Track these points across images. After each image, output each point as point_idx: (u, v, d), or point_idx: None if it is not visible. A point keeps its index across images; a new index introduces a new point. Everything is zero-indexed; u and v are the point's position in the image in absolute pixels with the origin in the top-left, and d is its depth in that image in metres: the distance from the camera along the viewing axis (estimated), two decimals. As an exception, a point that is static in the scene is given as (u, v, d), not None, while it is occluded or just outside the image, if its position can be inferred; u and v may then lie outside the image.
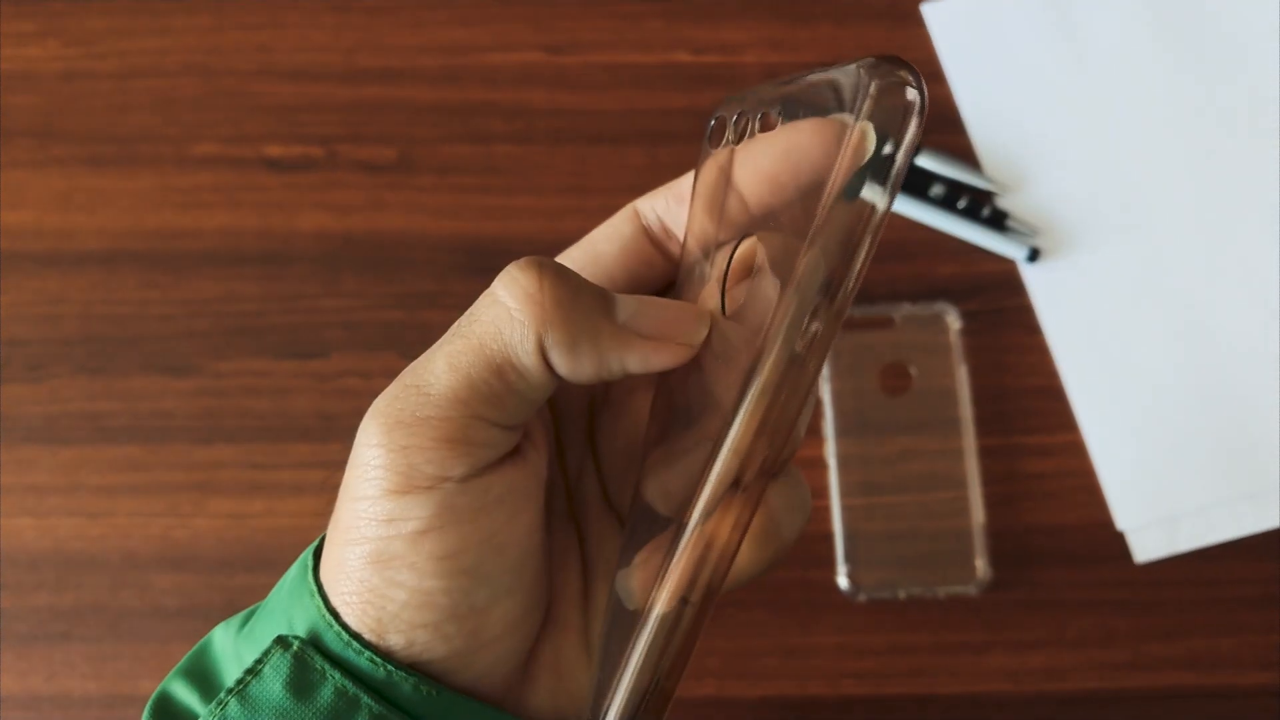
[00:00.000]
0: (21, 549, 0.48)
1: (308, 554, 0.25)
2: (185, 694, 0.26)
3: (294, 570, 0.26)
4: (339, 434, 0.48)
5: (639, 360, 0.24)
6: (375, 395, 0.48)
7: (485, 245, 0.50)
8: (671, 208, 0.27)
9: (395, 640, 0.24)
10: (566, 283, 0.23)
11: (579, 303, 0.23)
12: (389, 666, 0.23)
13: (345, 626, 0.24)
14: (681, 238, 0.27)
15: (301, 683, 0.23)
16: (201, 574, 0.47)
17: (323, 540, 0.26)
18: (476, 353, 0.23)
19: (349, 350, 0.49)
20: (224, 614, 0.46)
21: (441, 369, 0.23)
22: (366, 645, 0.23)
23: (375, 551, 0.23)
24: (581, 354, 0.23)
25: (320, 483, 0.48)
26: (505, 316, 0.23)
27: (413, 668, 0.24)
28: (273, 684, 0.23)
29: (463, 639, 0.24)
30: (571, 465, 0.29)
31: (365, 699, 0.23)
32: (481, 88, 0.51)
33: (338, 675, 0.23)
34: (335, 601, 0.24)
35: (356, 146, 0.51)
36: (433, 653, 0.24)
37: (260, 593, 0.46)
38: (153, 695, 0.26)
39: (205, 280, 0.50)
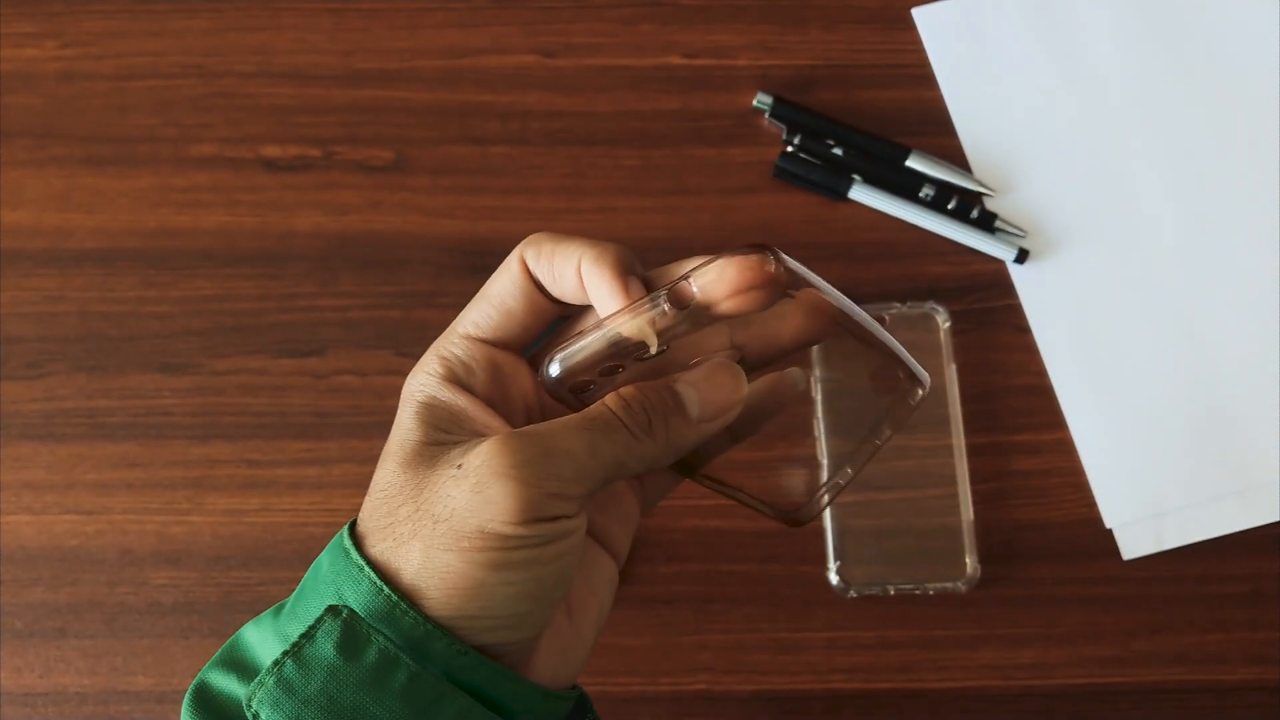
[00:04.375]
0: (19, 546, 0.48)
1: (344, 540, 0.28)
2: (223, 680, 0.28)
3: (328, 556, 0.28)
4: (334, 431, 0.49)
5: (707, 436, 0.29)
6: (370, 393, 0.49)
7: (480, 245, 0.50)
8: (541, 267, 0.30)
9: (483, 623, 0.27)
10: (671, 423, 0.29)
11: (676, 432, 0.29)
12: (428, 626, 0.26)
13: (396, 589, 0.27)
14: (554, 289, 0.30)
15: (350, 645, 0.26)
16: (198, 570, 0.48)
17: (352, 527, 0.28)
18: (614, 457, 0.28)
19: (345, 348, 0.49)
20: (220, 609, 0.47)
21: (583, 452, 0.27)
22: (412, 606, 0.26)
23: (501, 559, 0.26)
24: (680, 453, 0.29)
25: (316, 479, 0.48)
26: (639, 453, 0.28)
27: (480, 649, 0.27)
28: (325, 646, 0.26)
29: (536, 622, 0.28)
30: None
31: (404, 658, 0.26)
32: (477, 90, 0.52)
33: (380, 638, 0.26)
34: (429, 591, 0.27)
35: (353, 147, 0.51)
36: (508, 637, 0.27)
37: (256, 588, 0.47)
38: (190, 687, 0.28)
39: (203, 279, 0.50)
